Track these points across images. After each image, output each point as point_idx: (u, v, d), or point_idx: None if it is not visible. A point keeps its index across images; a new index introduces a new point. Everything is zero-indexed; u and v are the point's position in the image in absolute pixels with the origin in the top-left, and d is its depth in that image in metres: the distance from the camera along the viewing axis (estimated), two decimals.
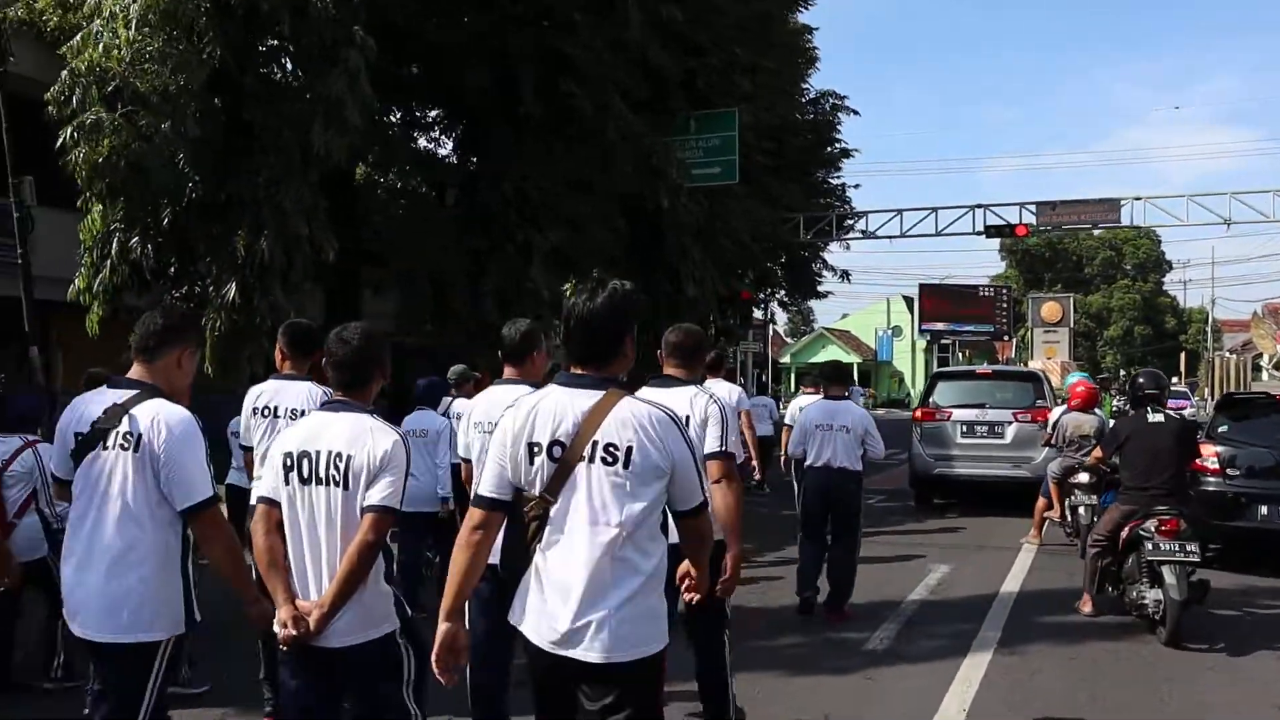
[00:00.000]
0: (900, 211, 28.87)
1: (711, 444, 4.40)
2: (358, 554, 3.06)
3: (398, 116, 17.95)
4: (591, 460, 2.73)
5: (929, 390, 14.42)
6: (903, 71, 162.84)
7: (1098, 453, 7.88)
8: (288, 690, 3.29)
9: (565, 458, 2.74)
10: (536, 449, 2.77)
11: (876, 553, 10.16)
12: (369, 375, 3.35)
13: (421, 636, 3.22)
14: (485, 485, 2.86)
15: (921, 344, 59.17)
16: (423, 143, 19.44)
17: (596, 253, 19.51)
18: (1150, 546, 6.89)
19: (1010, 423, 13.08)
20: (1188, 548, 6.85)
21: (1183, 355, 67.32)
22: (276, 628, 3.13)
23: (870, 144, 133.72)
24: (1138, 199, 26.68)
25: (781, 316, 75.34)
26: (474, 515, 2.88)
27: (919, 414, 13.98)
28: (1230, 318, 76.43)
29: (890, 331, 63.16)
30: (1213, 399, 57.11)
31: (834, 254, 32.50)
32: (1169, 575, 6.79)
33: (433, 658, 2.87)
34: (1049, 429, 10.78)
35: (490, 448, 2.89)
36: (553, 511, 2.76)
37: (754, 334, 30.82)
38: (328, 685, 3.20)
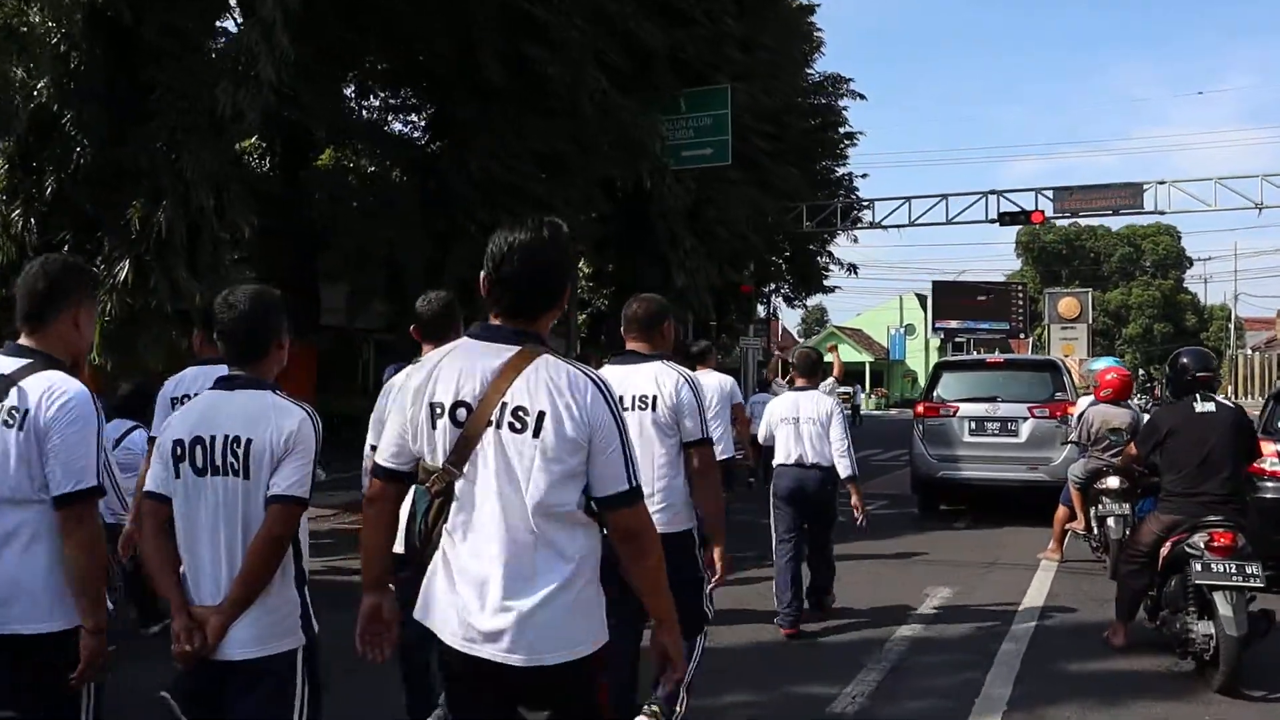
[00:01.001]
0: (909, 199, 27.36)
1: (690, 430, 4.01)
2: (260, 550, 2.72)
3: (376, 100, 16.64)
4: (499, 426, 2.34)
5: (932, 382, 12.72)
6: (919, 70, 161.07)
7: (1132, 450, 6.33)
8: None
9: (470, 422, 2.36)
10: (439, 410, 2.39)
11: (867, 570, 8.68)
12: (263, 344, 2.94)
13: (320, 665, 2.85)
14: (383, 453, 2.53)
15: (935, 342, 57.65)
16: (398, 127, 18.10)
17: (576, 238, 18.10)
18: (1199, 567, 5.39)
19: (1025, 418, 11.50)
20: (1246, 569, 5.35)
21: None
22: (173, 644, 2.76)
23: (881, 141, 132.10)
24: (1161, 183, 25.10)
25: (794, 316, 73.95)
26: (371, 486, 2.58)
27: (921, 409, 12.39)
28: (1253, 315, 74.78)
29: (903, 330, 62.04)
30: (1236, 398, 55.84)
31: (841, 247, 31.05)
32: (1222, 604, 5.30)
33: (356, 632, 2.60)
34: (1073, 425, 9.22)
35: (391, 410, 2.58)
36: (459, 486, 2.38)
37: (755, 329, 29.17)
38: (208, 710, 2.75)
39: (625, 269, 21.09)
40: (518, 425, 2.33)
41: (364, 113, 17.62)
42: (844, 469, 6.68)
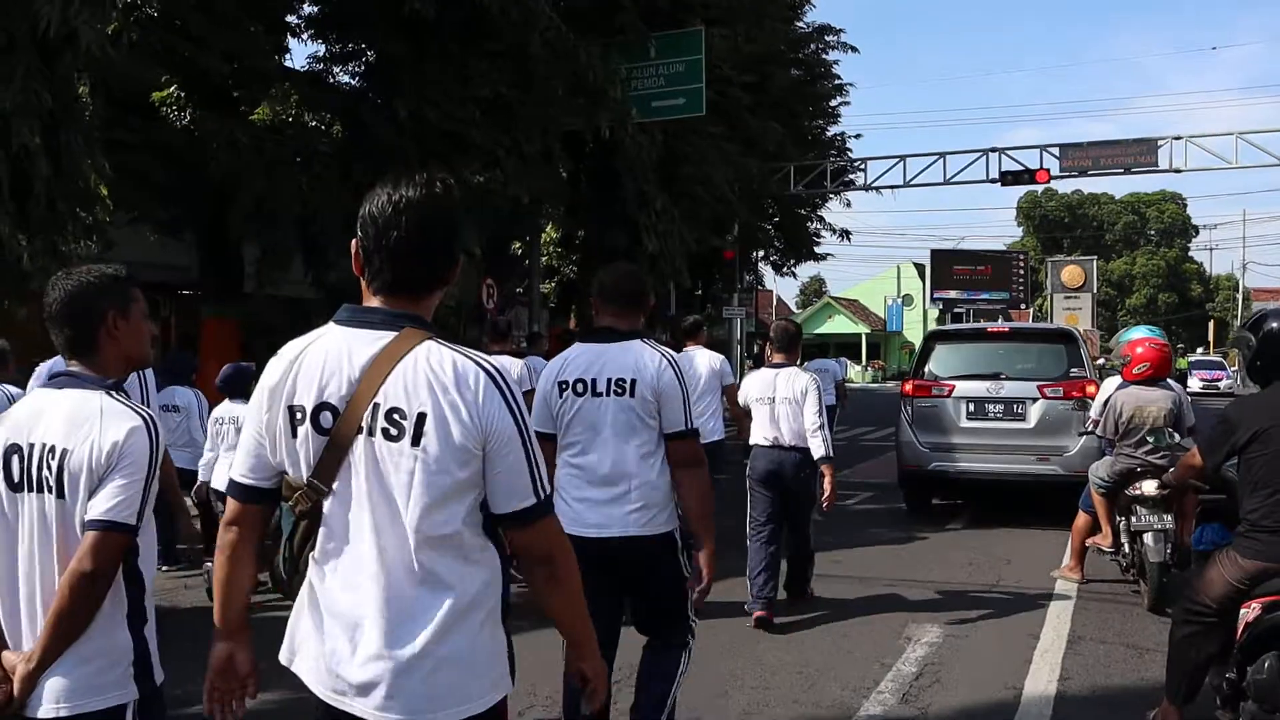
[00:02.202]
0: (904, 158, 25.50)
1: (673, 420, 3.55)
2: (71, 588, 2.26)
3: (321, 50, 14.72)
4: (371, 433, 1.93)
5: (923, 355, 10.57)
6: (919, 41, 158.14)
7: (1195, 458, 4.44)
8: None
9: (336, 429, 1.95)
10: (299, 415, 1.99)
11: (833, 594, 6.90)
12: (88, 334, 2.46)
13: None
14: (239, 466, 2.10)
15: (934, 313, 56.38)
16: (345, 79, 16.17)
17: (533, 196, 16.26)
18: None
19: (1034, 399, 9.65)
20: None
21: (1211, 324, 63.65)
22: None
23: (876, 102, 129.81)
24: (1178, 139, 23.21)
25: (792, 286, 73.08)
26: (229, 509, 2.15)
27: (909, 387, 10.34)
28: (1262, 285, 72.97)
29: (900, 300, 60.51)
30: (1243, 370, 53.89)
31: (834, 212, 29.20)
32: None
33: (205, 688, 2.15)
34: (1095, 411, 7.36)
35: (247, 413, 2.12)
36: (327, 507, 1.97)
37: (740, 298, 27.26)
38: None
39: (591, 232, 19.18)
40: (393, 431, 1.93)
41: (290, 60, 15.80)
42: (817, 449, 6.25)
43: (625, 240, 18.49)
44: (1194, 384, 37.57)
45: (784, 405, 6.35)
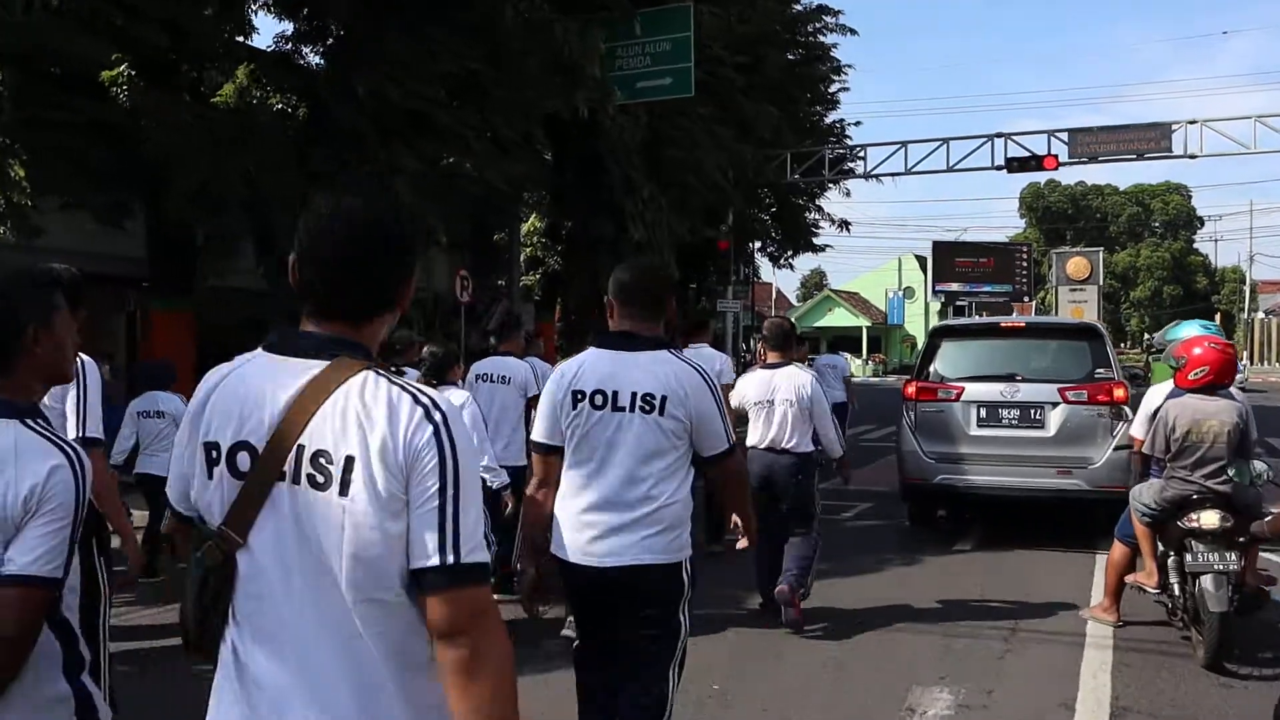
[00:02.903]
0: (905, 144, 24.35)
1: (713, 441, 3.28)
2: None
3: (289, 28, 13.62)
4: (296, 479, 1.66)
5: (928, 353, 9.38)
6: (920, 27, 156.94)
7: None
8: None
9: (254, 473, 1.69)
10: (214, 454, 1.73)
11: (825, 638, 5.83)
12: (9, 349, 2.19)
13: None
14: (172, 489, 1.85)
15: (935, 306, 55.86)
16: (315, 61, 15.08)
17: (510, 182, 15.17)
18: None
19: (1055, 404, 8.51)
20: None
21: (1219, 315, 62.55)
22: None
23: (876, 90, 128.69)
24: (1193, 123, 22.09)
25: (793, 279, 72.78)
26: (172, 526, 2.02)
27: (912, 390, 9.12)
28: (1269, 278, 71.99)
29: (902, 293, 59.63)
30: (1250, 365, 52.88)
31: (833, 202, 28.16)
32: None
33: None
34: (1142, 426, 6.14)
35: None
36: (243, 561, 1.69)
37: (734, 290, 26.11)
38: None
39: (576, 221, 18.08)
40: (319, 478, 1.64)
41: (259, 38, 14.73)
42: (833, 450, 6.52)
43: (611, 229, 17.44)
44: None
45: (784, 407, 6.18)
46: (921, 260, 57.64)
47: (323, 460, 1.64)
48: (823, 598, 6.50)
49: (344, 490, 1.63)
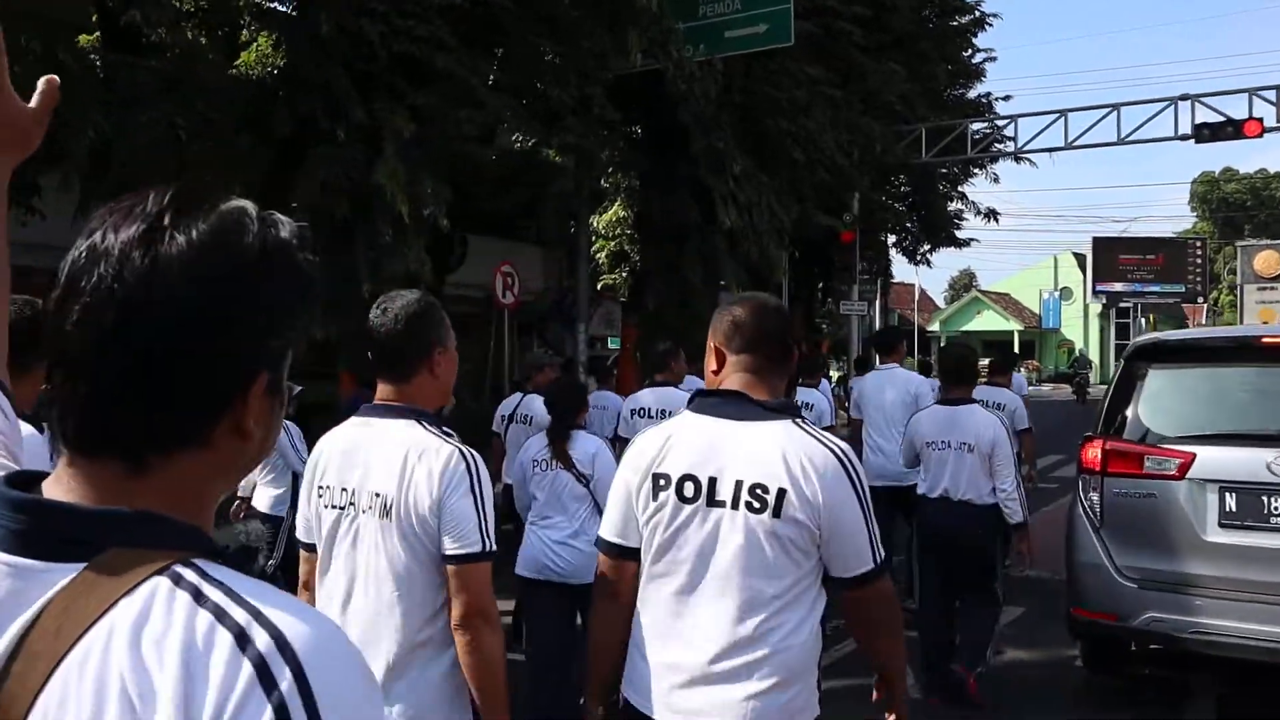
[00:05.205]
0: (1065, 113, 20.31)
1: (853, 559, 2.33)
2: None
3: None
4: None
5: (1123, 388, 5.47)
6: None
7: None
8: None
9: None
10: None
11: None
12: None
13: None
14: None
15: (1096, 308, 51.89)
16: None
17: (564, 153, 12.28)
18: None
19: None
20: None
21: None
22: None
23: (1030, 63, 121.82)
24: None
25: (940, 279, 69.48)
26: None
27: (1096, 453, 5.31)
28: None
29: (1058, 294, 55.24)
30: None
31: (976, 189, 24.25)
32: None
33: None
34: None
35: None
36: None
37: (861, 291, 22.44)
38: None
39: (653, 204, 14.95)
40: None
41: None
42: (1013, 515, 5.54)
43: (696, 214, 14.32)
44: None
45: (962, 452, 5.51)
46: (1080, 258, 53.18)
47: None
48: None
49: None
